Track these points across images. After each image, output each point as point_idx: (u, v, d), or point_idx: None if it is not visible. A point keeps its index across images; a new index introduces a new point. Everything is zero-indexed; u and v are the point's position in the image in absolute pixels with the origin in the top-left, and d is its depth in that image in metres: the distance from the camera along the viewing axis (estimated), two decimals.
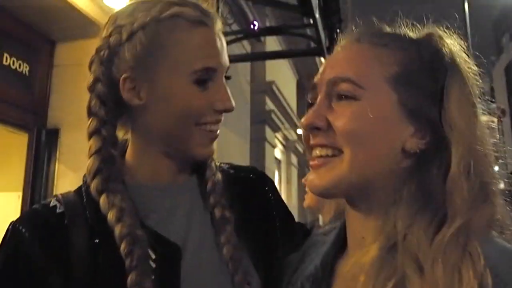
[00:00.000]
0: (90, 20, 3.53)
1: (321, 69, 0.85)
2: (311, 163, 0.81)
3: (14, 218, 0.92)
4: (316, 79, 0.83)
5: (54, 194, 1.00)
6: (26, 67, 3.77)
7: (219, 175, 1.03)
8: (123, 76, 0.93)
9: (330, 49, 5.38)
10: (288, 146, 10.51)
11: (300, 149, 10.94)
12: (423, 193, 0.74)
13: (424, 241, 0.70)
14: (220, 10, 5.24)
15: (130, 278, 0.84)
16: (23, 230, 0.88)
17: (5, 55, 3.60)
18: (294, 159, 11.01)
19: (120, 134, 1.03)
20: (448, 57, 0.77)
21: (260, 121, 7.94)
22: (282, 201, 1.16)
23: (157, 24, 0.93)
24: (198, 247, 0.95)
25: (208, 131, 0.96)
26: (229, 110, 0.97)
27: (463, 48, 0.80)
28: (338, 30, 5.05)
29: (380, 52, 0.78)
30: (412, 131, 0.76)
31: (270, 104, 8.34)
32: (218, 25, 0.99)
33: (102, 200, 0.91)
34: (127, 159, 1.01)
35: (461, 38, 0.80)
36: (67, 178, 3.68)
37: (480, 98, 0.78)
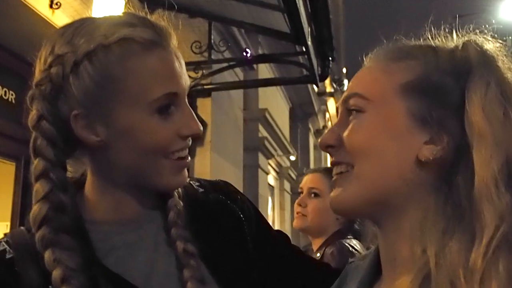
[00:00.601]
0: None
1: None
2: (331, 181, 0.81)
3: None
4: (338, 102, 0.83)
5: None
6: (12, 94, 3.72)
7: (181, 204, 0.95)
8: (73, 113, 0.85)
9: (322, 77, 5.42)
10: (281, 173, 10.52)
11: (293, 175, 10.95)
12: (451, 208, 0.68)
13: (459, 268, 0.63)
14: (212, 37, 5.27)
15: None
16: None
17: None
18: (287, 185, 11.01)
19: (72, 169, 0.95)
20: (475, 58, 0.73)
21: (253, 148, 7.94)
22: (258, 217, 1.09)
23: (105, 52, 0.84)
24: (161, 284, 0.89)
25: (177, 159, 0.89)
26: (196, 134, 0.90)
27: (498, 49, 0.75)
28: (330, 58, 5.07)
29: (390, 65, 0.77)
30: (426, 139, 0.72)
31: (263, 131, 8.35)
32: (173, 41, 0.90)
33: (47, 256, 0.81)
34: (85, 195, 0.94)
35: (496, 39, 0.76)
36: None
37: None
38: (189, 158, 0.92)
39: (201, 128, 0.90)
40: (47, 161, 0.85)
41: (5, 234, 0.91)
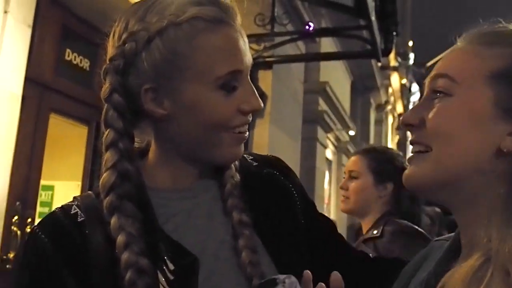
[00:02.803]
0: None
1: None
2: (408, 158, 0.82)
3: None
4: (426, 79, 0.83)
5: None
6: (86, 62, 3.95)
7: (237, 177, 1.00)
8: (144, 87, 0.90)
9: (385, 52, 5.33)
10: (339, 147, 10.44)
11: (352, 150, 10.83)
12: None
13: None
14: (276, 10, 5.29)
15: None
16: (44, 237, 0.88)
17: (68, 50, 3.80)
18: (345, 160, 10.89)
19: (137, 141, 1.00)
20: None
21: (312, 121, 7.93)
22: (306, 196, 1.13)
23: (175, 30, 0.87)
24: (216, 251, 0.93)
25: (237, 133, 0.93)
26: (257, 109, 0.94)
27: None
28: (393, 33, 4.99)
29: (484, 50, 0.76)
30: (510, 130, 0.71)
31: (323, 105, 8.32)
32: (239, 20, 0.93)
33: (113, 222, 0.86)
34: (147, 163, 0.99)
35: None
36: None
37: None
38: (247, 132, 0.97)
39: (262, 104, 0.94)
40: (116, 132, 0.90)
41: (74, 198, 0.96)
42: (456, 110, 0.74)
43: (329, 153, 9.66)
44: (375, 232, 1.90)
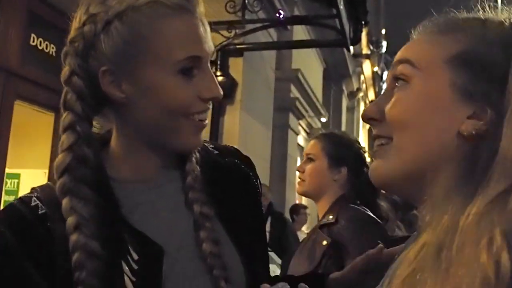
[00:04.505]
0: None
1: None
2: (371, 152, 0.82)
3: None
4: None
5: None
6: (53, 48, 3.89)
7: (198, 169, 1.00)
8: (102, 69, 0.89)
9: (354, 41, 5.37)
10: (311, 134, 10.51)
11: None
12: (465, 177, 0.69)
13: (450, 228, 0.64)
14: None
15: None
16: (5, 231, 0.86)
17: (33, 36, 3.73)
18: None
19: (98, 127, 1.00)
20: None
21: (284, 108, 7.97)
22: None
23: (135, 13, 0.88)
24: (180, 241, 0.95)
25: (197, 121, 0.94)
26: (216, 98, 0.94)
27: None
28: (363, 22, 5.02)
29: (440, 37, 0.77)
30: (470, 113, 0.71)
31: (295, 92, 8.35)
32: (200, 8, 0.94)
33: (64, 203, 0.87)
34: (110, 153, 0.99)
35: None
36: None
37: None
38: (207, 121, 0.98)
39: (221, 92, 0.95)
40: (75, 115, 0.89)
41: (33, 189, 0.94)
42: (416, 97, 0.74)
43: (301, 139, 9.73)
44: (330, 217, 1.91)
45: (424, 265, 0.64)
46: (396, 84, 0.77)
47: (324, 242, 1.83)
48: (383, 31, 21.23)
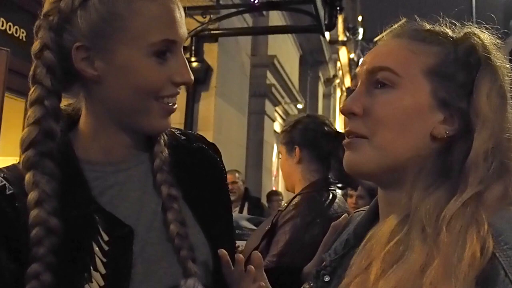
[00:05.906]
0: None
1: (362, 61, 0.91)
2: (344, 142, 0.87)
3: None
4: (357, 69, 0.89)
5: None
6: (23, 32, 3.81)
7: (166, 152, 1.02)
8: (76, 44, 0.89)
9: (329, 27, 5.40)
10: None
11: None
12: (442, 171, 0.80)
13: (433, 212, 0.76)
14: None
15: (30, 268, 0.82)
16: None
17: (2, 19, 3.65)
18: None
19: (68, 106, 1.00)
20: (482, 52, 0.83)
21: (260, 94, 7.98)
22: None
23: None
24: (149, 222, 0.96)
25: (166, 104, 0.94)
26: (188, 83, 0.95)
27: (498, 46, 0.85)
28: (338, 8, 5.03)
29: (418, 46, 0.84)
30: (441, 119, 0.81)
31: (271, 78, 8.35)
32: None
33: (28, 177, 0.86)
34: (79, 134, 0.98)
35: (498, 37, 0.86)
36: None
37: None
38: (176, 105, 0.99)
39: (192, 78, 0.96)
40: (43, 89, 0.89)
41: (0, 170, 0.93)
42: (401, 101, 0.81)
43: (277, 126, 9.76)
44: (285, 204, 1.92)
45: (408, 238, 0.76)
46: (379, 85, 0.84)
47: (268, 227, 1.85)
48: (360, 18, 21.34)
